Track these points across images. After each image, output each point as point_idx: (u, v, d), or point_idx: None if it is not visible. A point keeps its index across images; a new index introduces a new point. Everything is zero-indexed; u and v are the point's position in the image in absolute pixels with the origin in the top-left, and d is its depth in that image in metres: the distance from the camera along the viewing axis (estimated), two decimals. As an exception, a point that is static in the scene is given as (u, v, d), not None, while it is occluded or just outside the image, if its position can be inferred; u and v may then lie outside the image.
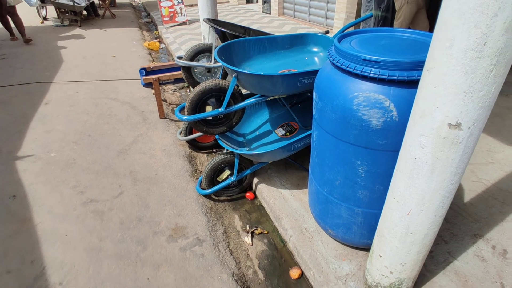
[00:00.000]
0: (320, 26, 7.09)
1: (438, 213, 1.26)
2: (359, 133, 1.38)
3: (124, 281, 1.86)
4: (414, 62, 1.22)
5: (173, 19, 7.79)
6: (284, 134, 2.63)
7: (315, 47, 2.74)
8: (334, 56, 1.44)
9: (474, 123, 1.01)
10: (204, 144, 3.11)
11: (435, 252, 1.82)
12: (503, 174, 2.39)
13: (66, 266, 1.95)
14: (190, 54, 3.08)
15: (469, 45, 0.89)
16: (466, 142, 1.06)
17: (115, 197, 2.52)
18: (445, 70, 0.96)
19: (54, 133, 3.42)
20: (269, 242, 2.18)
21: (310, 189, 1.95)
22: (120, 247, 2.08)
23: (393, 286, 1.54)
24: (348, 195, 1.62)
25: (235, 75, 2.03)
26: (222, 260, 2.02)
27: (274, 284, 1.89)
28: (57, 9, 8.33)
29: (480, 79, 0.93)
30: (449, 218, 2.03)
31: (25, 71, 5.18)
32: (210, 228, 2.25)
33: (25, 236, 2.17)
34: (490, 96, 0.97)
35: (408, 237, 1.35)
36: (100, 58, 5.88)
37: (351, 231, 1.74)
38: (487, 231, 1.94)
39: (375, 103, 1.29)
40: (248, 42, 2.53)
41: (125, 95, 4.35)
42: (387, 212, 1.39)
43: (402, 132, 1.24)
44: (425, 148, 1.12)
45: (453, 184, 1.18)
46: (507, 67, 0.92)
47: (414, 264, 1.44)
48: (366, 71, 1.28)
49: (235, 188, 2.55)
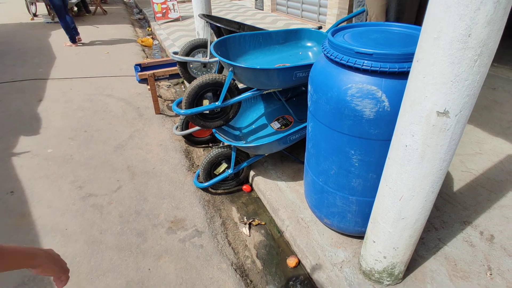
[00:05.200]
0: (313, 22, 7.13)
1: (428, 198, 1.32)
2: (353, 123, 1.44)
3: (125, 271, 1.90)
4: (405, 54, 1.28)
5: (166, 15, 7.75)
6: (280, 127, 2.68)
7: (309, 42, 2.79)
8: (328, 50, 1.49)
9: (460, 111, 1.07)
10: (200, 139, 3.15)
11: (426, 239, 1.90)
12: (491, 164, 2.48)
13: (67, 259, 1.98)
14: (186, 49, 3.11)
15: (455, 36, 0.95)
16: (453, 129, 1.12)
17: (114, 191, 2.54)
18: (433, 60, 1.02)
19: (50, 130, 3.42)
20: (266, 232, 2.23)
21: (306, 180, 2.01)
22: (120, 239, 2.12)
23: (386, 270, 1.60)
24: (342, 184, 1.67)
25: (231, 69, 2.07)
26: (221, 250, 2.07)
27: (272, 272, 1.95)
28: (48, 6, 8.22)
29: (465, 69, 0.99)
30: (439, 206, 2.11)
31: (17, 68, 5.13)
32: (208, 220, 2.30)
33: (24, 230, 2.19)
34: (475, 85, 1.03)
35: (400, 222, 1.41)
36: (93, 55, 5.84)
37: (346, 220, 1.81)
38: (475, 218, 2.03)
39: (367, 94, 1.35)
40: (244, 37, 2.56)
41: (120, 91, 4.35)
42: (380, 199, 1.46)
43: (394, 122, 1.30)
44: (415, 136, 1.18)
45: (442, 170, 1.24)
46: (490, 57, 0.98)
47: (406, 248, 1.51)
48: (359, 64, 1.33)
49: (232, 181, 2.59)
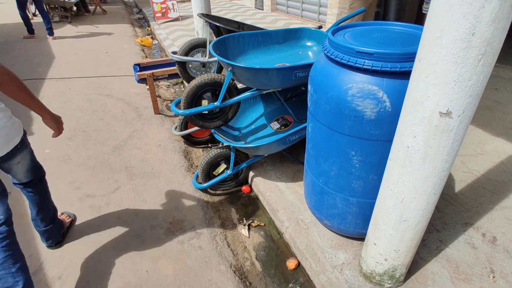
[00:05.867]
0: (313, 21, 7.11)
1: (430, 200, 1.30)
2: (353, 123, 1.42)
3: (123, 273, 1.88)
4: (406, 54, 1.25)
5: (166, 15, 7.73)
6: (279, 127, 2.66)
7: (308, 42, 2.77)
8: (328, 49, 1.47)
9: (463, 112, 1.05)
10: (199, 139, 3.13)
11: (428, 240, 1.87)
12: (492, 165, 2.45)
13: (64, 260, 1.96)
14: (185, 49, 3.09)
15: (458, 35, 0.92)
16: (456, 130, 1.09)
17: (112, 192, 2.52)
18: (435, 60, 1.00)
19: (48, 130, 3.36)
20: (266, 234, 2.21)
21: (306, 181, 1.99)
22: (118, 240, 2.09)
23: (387, 272, 1.58)
24: (343, 185, 1.65)
25: (230, 69, 2.04)
26: (220, 252, 2.05)
27: (272, 274, 1.93)
28: (47, 5, 8.19)
29: (469, 69, 0.96)
30: (441, 208, 2.09)
31: (16, 68, 5.10)
32: (207, 221, 2.27)
33: (22, 231, 2.16)
34: (478, 85, 1.00)
35: (401, 224, 1.39)
36: (92, 55, 5.82)
37: (346, 221, 1.78)
38: (477, 220, 2.00)
39: (368, 94, 1.33)
40: (243, 37, 2.54)
41: (118, 91, 4.33)
42: (381, 200, 1.43)
43: (395, 122, 1.28)
44: (417, 137, 1.15)
45: (444, 171, 1.22)
46: (494, 56, 0.96)
47: (407, 250, 1.49)
48: (360, 63, 1.31)
49: (231, 181, 2.57)
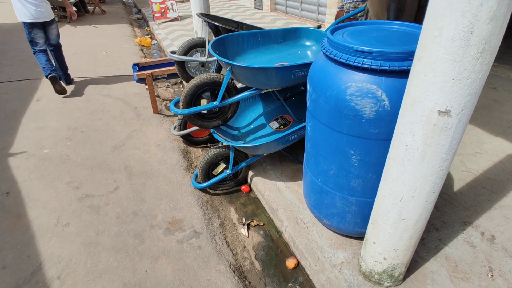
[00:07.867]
0: (312, 21, 7.11)
1: (429, 198, 1.30)
2: (352, 122, 1.42)
3: (122, 273, 1.87)
4: (405, 53, 1.25)
5: (165, 15, 7.72)
6: (279, 127, 2.66)
7: (307, 41, 2.77)
8: (327, 48, 1.47)
9: (462, 110, 1.05)
10: (198, 139, 3.12)
11: (427, 239, 1.88)
12: (491, 164, 2.46)
13: (63, 260, 1.95)
14: (184, 48, 3.08)
15: (457, 34, 0.93)
16: (455, 129, 1.10)
17: (111, 192, 2.52)
18: (434, 58, 1.00)
19: (47, 130, 3.39)
20: (265, 233, 2.21)
21: (305, 180, 1.99)
22: (117, 240, 2.09)
23: (386, 271, 1.58)
24: (342, 184, 1.65)
25: (229, 68, 2.04)
26: (219, 251, 2.04)
27: (271, 273, 1.93)
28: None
29: (467, 67, 0.97)
30: (440, 207, 2.09)
31: (14, 68, 5.10)
32: (206, 221, 2.27)
33: (20, 231, 2.16)
34: (477, 83, 1.00)
35: (400, 223, 1.39)
36: (91, 55, 5.81)
37: (346, 220, 1.78)
38: (476, 218, 2.01)
39: (367, 93, 1.33)
40: (242, 36, 2.54)
41: (117, 91, 4.33)
42: (380, 199, 1.43)
43: (394, 121, 1.28)
44: (416, 135, 1.15)
45: (443, 170, 1.22)
46: (493, 55, 0.96)
47: (406, 249, 1.49)
48: (359, 62, 1.31)
49: (230, 181, 2.57)
